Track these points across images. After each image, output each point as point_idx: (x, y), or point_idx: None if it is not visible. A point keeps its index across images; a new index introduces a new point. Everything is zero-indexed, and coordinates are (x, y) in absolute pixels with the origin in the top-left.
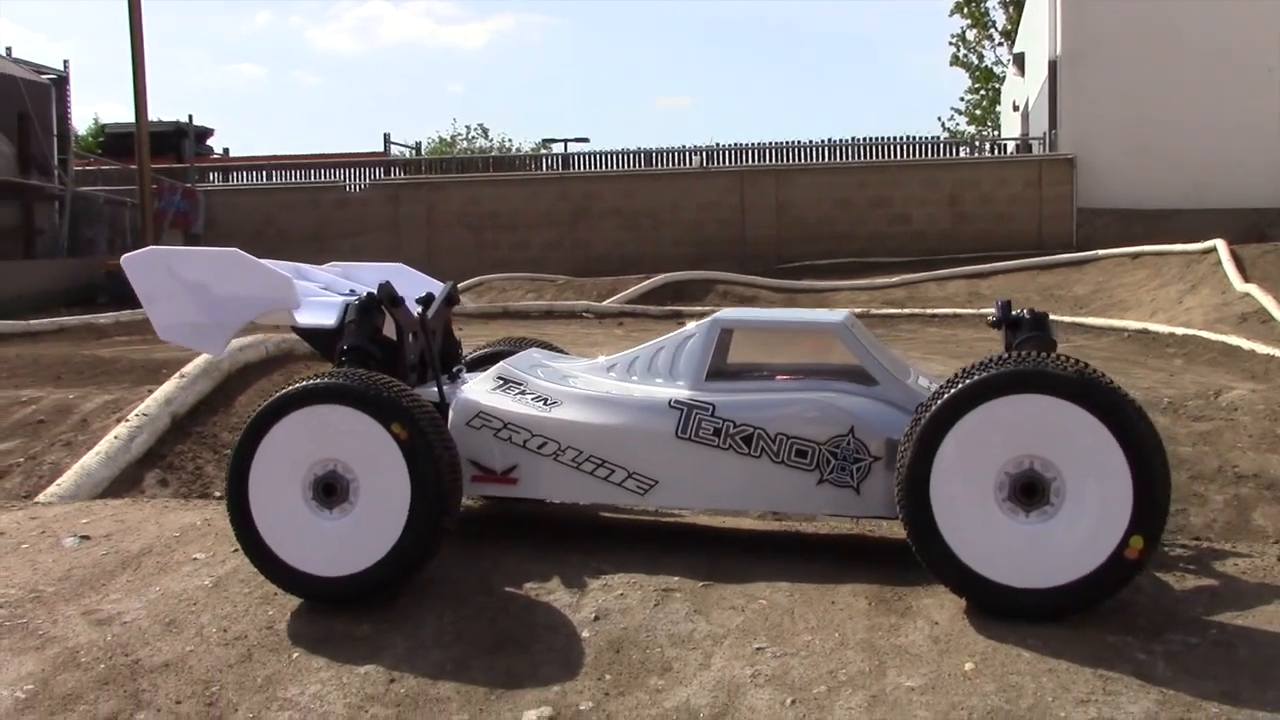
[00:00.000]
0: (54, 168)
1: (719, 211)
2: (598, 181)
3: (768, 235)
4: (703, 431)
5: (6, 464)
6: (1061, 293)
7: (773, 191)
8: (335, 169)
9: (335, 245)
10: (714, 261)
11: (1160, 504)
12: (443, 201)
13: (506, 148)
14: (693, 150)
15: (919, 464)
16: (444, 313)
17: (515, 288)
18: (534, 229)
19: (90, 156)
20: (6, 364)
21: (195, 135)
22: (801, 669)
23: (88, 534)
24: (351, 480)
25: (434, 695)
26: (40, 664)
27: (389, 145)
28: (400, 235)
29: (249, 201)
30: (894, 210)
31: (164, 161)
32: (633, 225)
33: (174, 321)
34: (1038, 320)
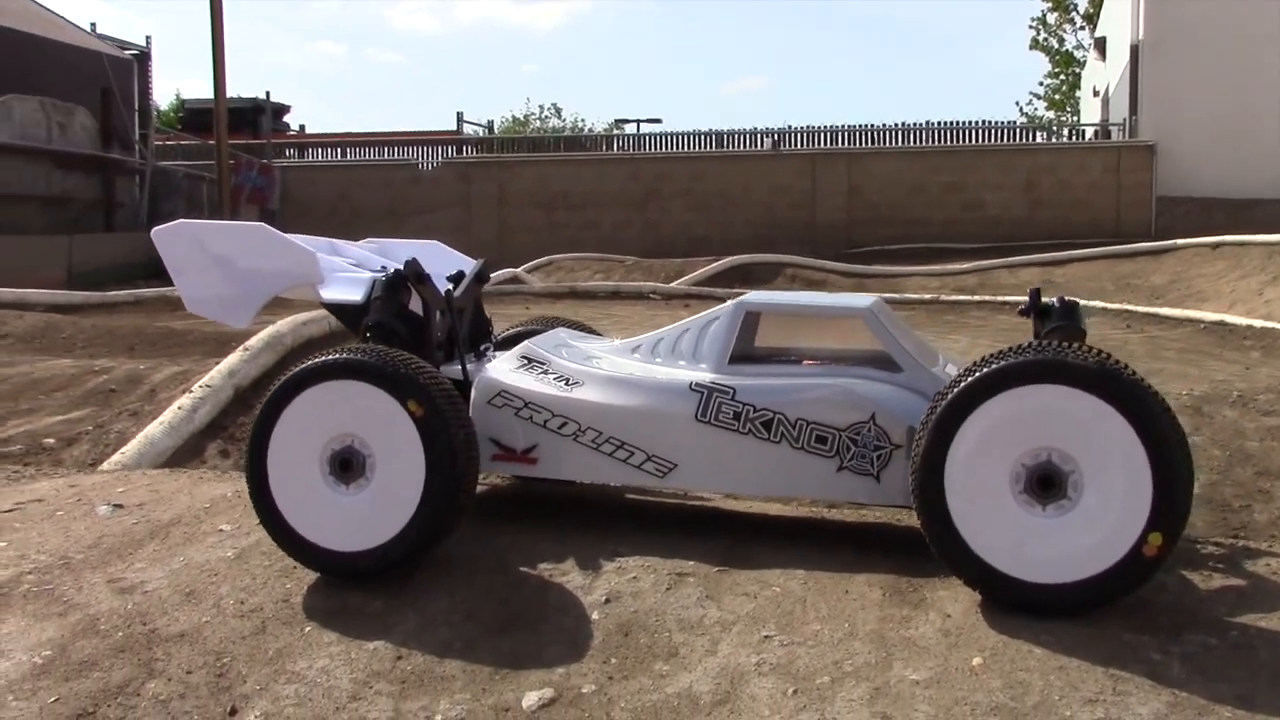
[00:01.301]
0: (135, 142)
1: (790, 194)
2: (668, 162)
3: (838, 219)
4: (722, 415)
5: (76, 432)
6: (1138, 282)
7: (844, 175)
8: (408, 147)
9: (407, 222)
10: (783, 245)
11: (1181, 501)
12: (514, 180)
13: (579, 128)
14: (764, 132)
15: (934, 453)
16: (474, 290)
17: (584, 267)
18: (604, 209)
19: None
20: (83, 334)
21: (273, 112)
22: (807, 658)
23: (121, 503)
24: (368, 456)
25: (439, 673)
26: (61, 630)
27: (461, 124)
28: (471, 213)
29: (323, 178)
30: (968, 196)
31: (241, 137)
32: (703, 207)
33: (201, 294)
34: (1067, 309)
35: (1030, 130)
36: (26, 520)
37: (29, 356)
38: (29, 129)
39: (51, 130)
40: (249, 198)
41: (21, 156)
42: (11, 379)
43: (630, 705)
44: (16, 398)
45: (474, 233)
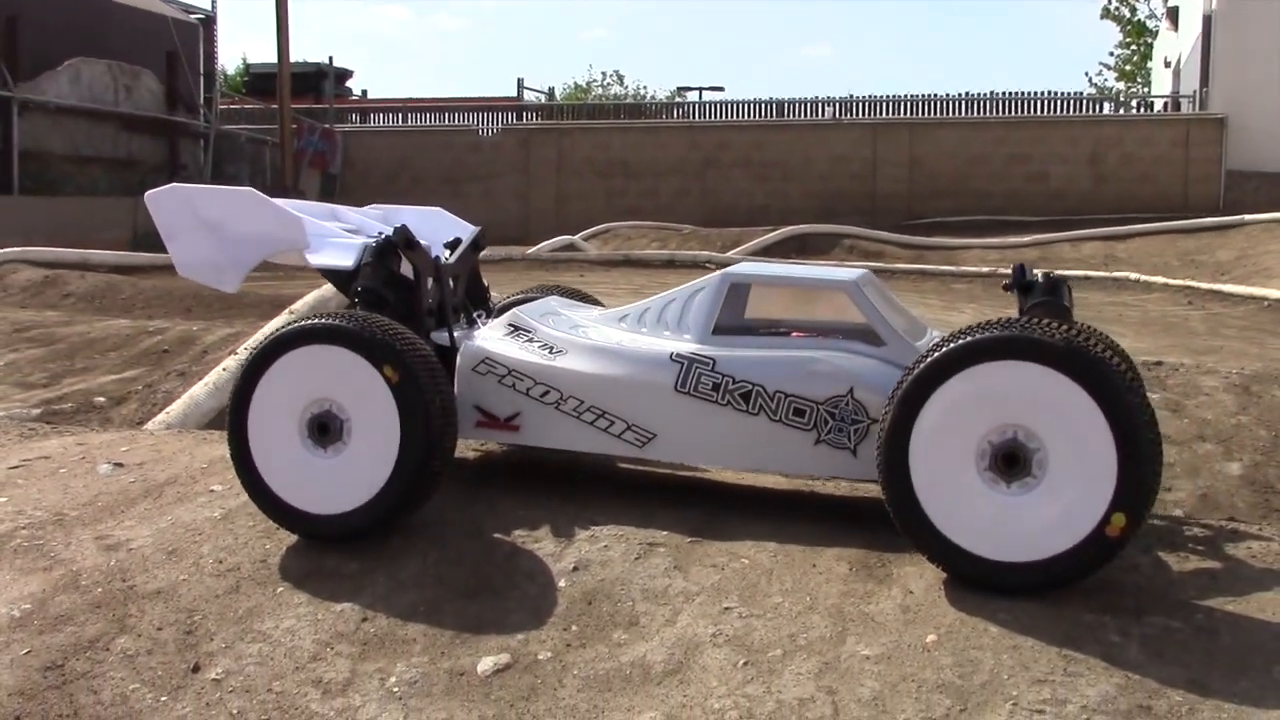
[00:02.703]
0: (199, 106)
1: (850, 164)
2: (728, 131)
3: (899, 190)
4: (702, 386)
5: (127, 391)
6: (1203, 258)
7: (906, 145)
8: (469, 113)
9: (467, 188)
10: (842, 215)
11: (1145, 481)
12: (573, 148)
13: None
14: (825, 101)
15: (899, 428)
16: (469, 257)
17: (641, 236)
18: (663, 177)
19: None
20: (142, 295)
21: (335, 76)
22: (764, 631)
23: (122, 462)
24: (345, 420)
25: (401, 636)
26: (43, 584)
27: (522, 90)
28: (530, 180)
29: (384, 143)
30: (1031, 168)
31: (304, 102)
32: (762, 176)
33: (192, 258)
34: (1052, 285)
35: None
36: (30, 477)
37: (88, 316)
38: (97, 92)
39: (118, 93)
40: (311, 162)
41: (89, 119)
42: (69, 338)
43: (583, 673)
44: (73, 356)
45: (532, 200)
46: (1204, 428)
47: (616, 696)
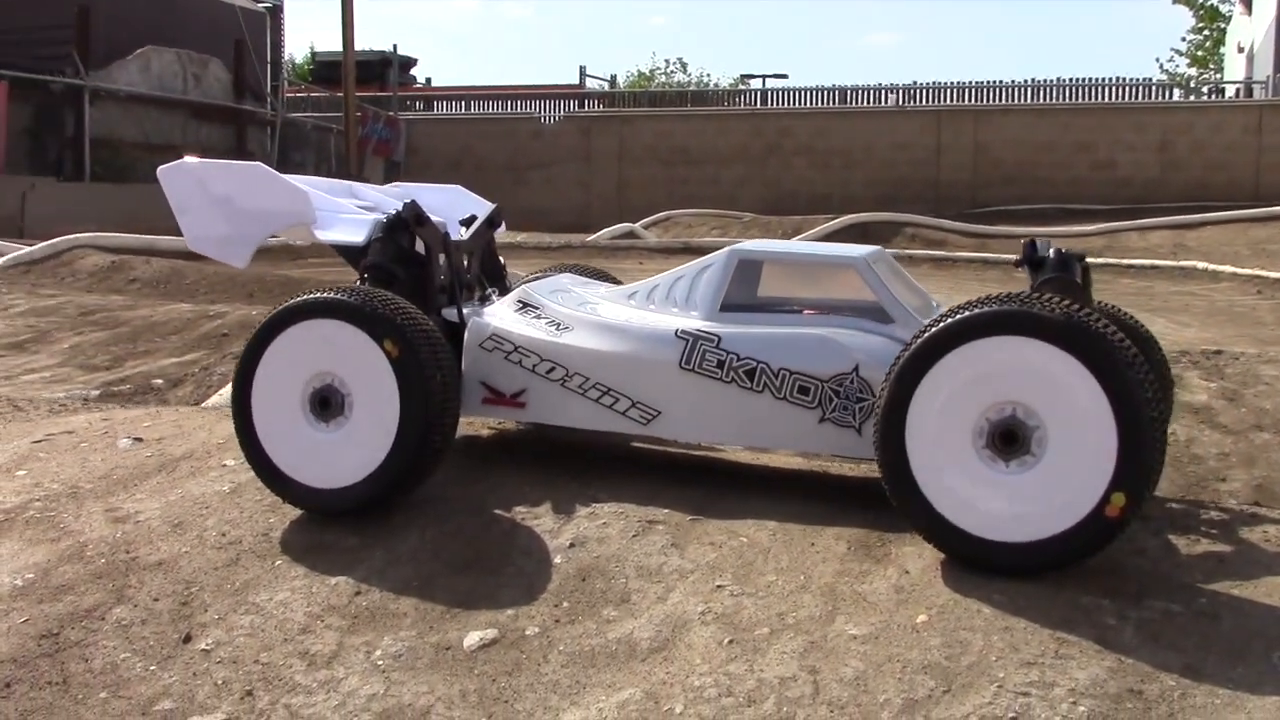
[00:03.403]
0: (266, 94)
1: (913, 152)
2: (791, 118)
3: (963, 178)
4: (706, 363)
5: (184, 373)
6: (1275, 247)
7: (970, 132)
8: (530, 100)
9: (528, 176)
10: (905, 203)
11: (1146, 459)
12: (634, 135)
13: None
14: (889, 89)
15: (895, 405)
16: (484, 235)
17: (702, 224)
18: (725, 165)
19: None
20: (206, 280)
21: (400, 65)
22: (753, 609)
23: (142, 437)
24: (347, 395)
25: (392, 610)
26: (49, 555)
27: (584, 78)
28: (591, 168)
29: (447, 131)
30: (1098, 155)
31: (369, 90)
32: (824, 164)
33: (202, 233)
34: (1063, 260)
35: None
36: (52, 450)
37: (152, 301)
38: (166, 80)
39: (187, 82)
40: (375, 149)
41: (159, 107)
42: (133, 322)
43: (568, 649)
44: (135, 339)
45: (593, 187)
46: (1262, 417)
47: (599, 672)
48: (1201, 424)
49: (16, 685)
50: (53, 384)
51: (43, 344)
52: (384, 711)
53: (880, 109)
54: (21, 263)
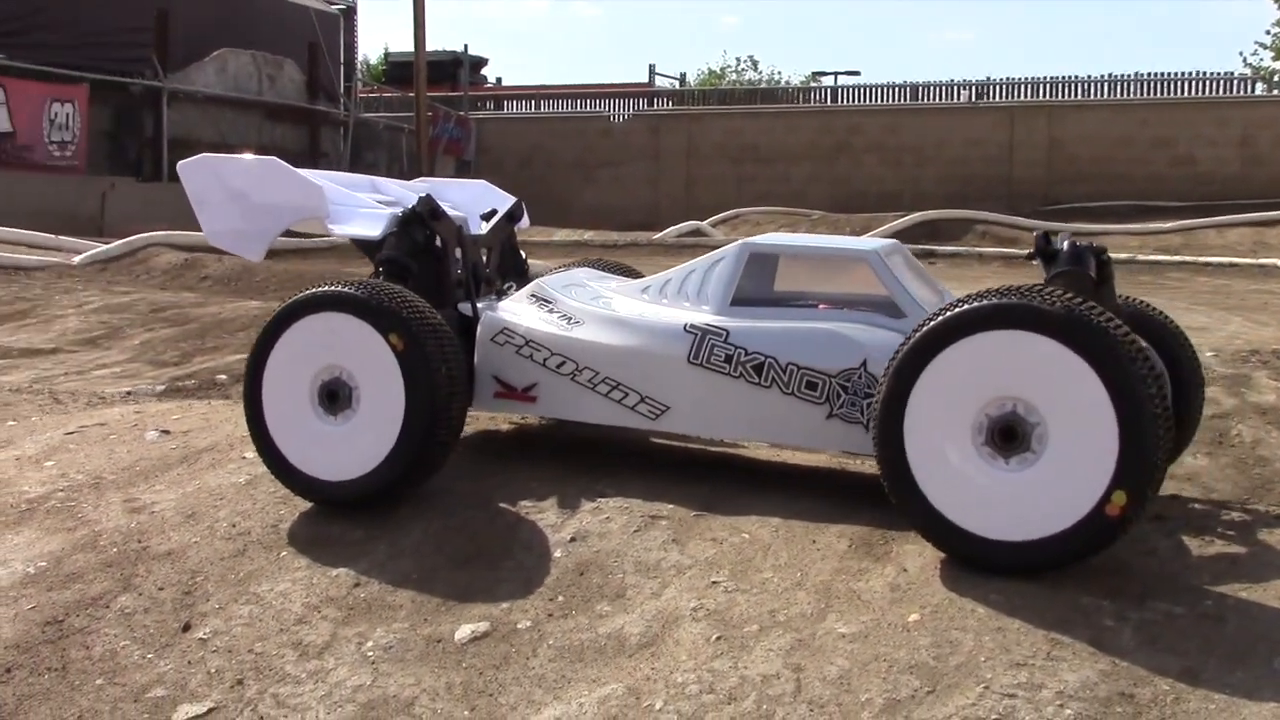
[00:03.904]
0: (339, 95)
1: (985, 149)
2: (861, 115)
3: (1036, 175)
4: (714, 358)
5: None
6: None
7: (1044, 129)
8: (600, 99)
9: (598, 174)
10: (976, 201)
11: (1149, 457)
12: (703, 133)
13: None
14: (961, 85)
15: (894, 400)
16: (504, 229)
17: (770, 221)
18: (794, 163)
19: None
20: (275, 278)
21: (471, 65)
22: (745, 606)
23: (169, 429)
24: (354, 388)
25: (388, 603)
26: (64, 543)
27: (653, 76)
28: (660, 166)
29: (517, 129)
30: (1177, 151)
31: (441, 90)
32: (894, 161)
33: (219, 227)
34: (1076, 254)
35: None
36: (82, 442)
37: (222, 298)
38: (242, 82)
39: (262, 83)
40: (446, 149)
41: (234, 108)
42: (202, 318)
43: (558, 643)
44: (204, 335)
45: (662, 185)
46: None
47: (586, 667)
48: (1269, 425)
49: (17, 670)
50: (122, 379)
51: (114, 340)
52: (369, 702)
53: (952, 105)
54: (98, 260)
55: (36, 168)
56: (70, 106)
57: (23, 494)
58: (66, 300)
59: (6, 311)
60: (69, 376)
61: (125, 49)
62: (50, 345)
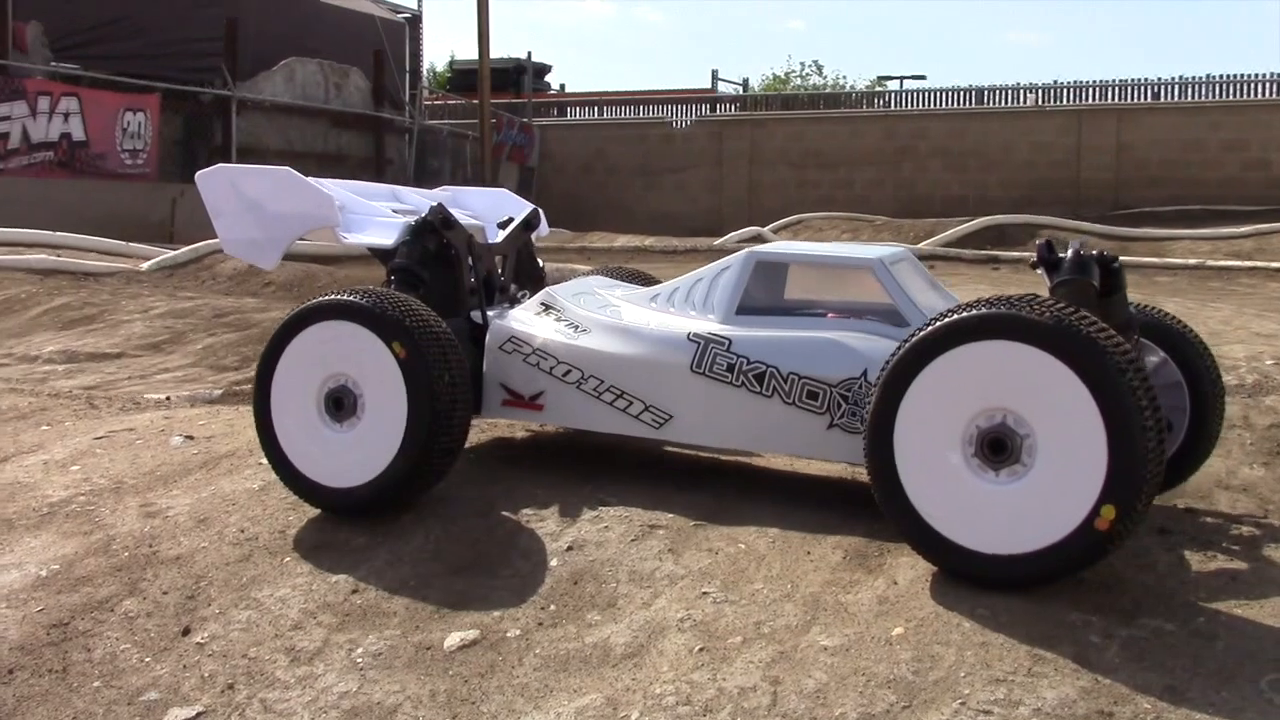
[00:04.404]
0: (404, 102)
1: (1052, 152)
2: (925, 120)
3: (1105, 179)
4: (717, 367)
5: None
6: None
7: (1113, 132)
8: (662, 105)
9: (660, 180)
10: (1043, 205)
11: (1138, 470)
12: (766, 139)
13: (840, 84)
14: (1027, 88)
15: (884, 411)
16: (519, 237)
17: (832, 227)
18: (857, 167)
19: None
20: (336, 284)
21: (534, 72)
22: (732, 617)
23: (193, 435)
24: (359, 396)
25: (383, 609)
26: (78, 547)
27: (716, 82)
28: (722, 171)
29: (580, 136)
30: (1250, 154)
31: (504, 97)
32: (959, 166)
33: (235, 236)
34: (1080, 263)
35: None
36: (110, 447)
37: (285, 303)
38: (309, 90)
39: (328, 91)
40: (509, 155)
41: (301, 116)
42: (263, 324)
43: (544, 652)
44: (264, 340)
45: (724, 191)
46: None
47: (570, 677)
48: None
49: (19, 672)
50: (184, 383)
51: (177, 345)
52: (353, 709)
53: (1019, 109)
54: (165, 266)
55: (109, 175)
56: (142, 115)
57: (45, 498)
58: (133, 305)
59: (75, 316)
60: (132, 380)
61: (196, 59)
62: (116, 350)
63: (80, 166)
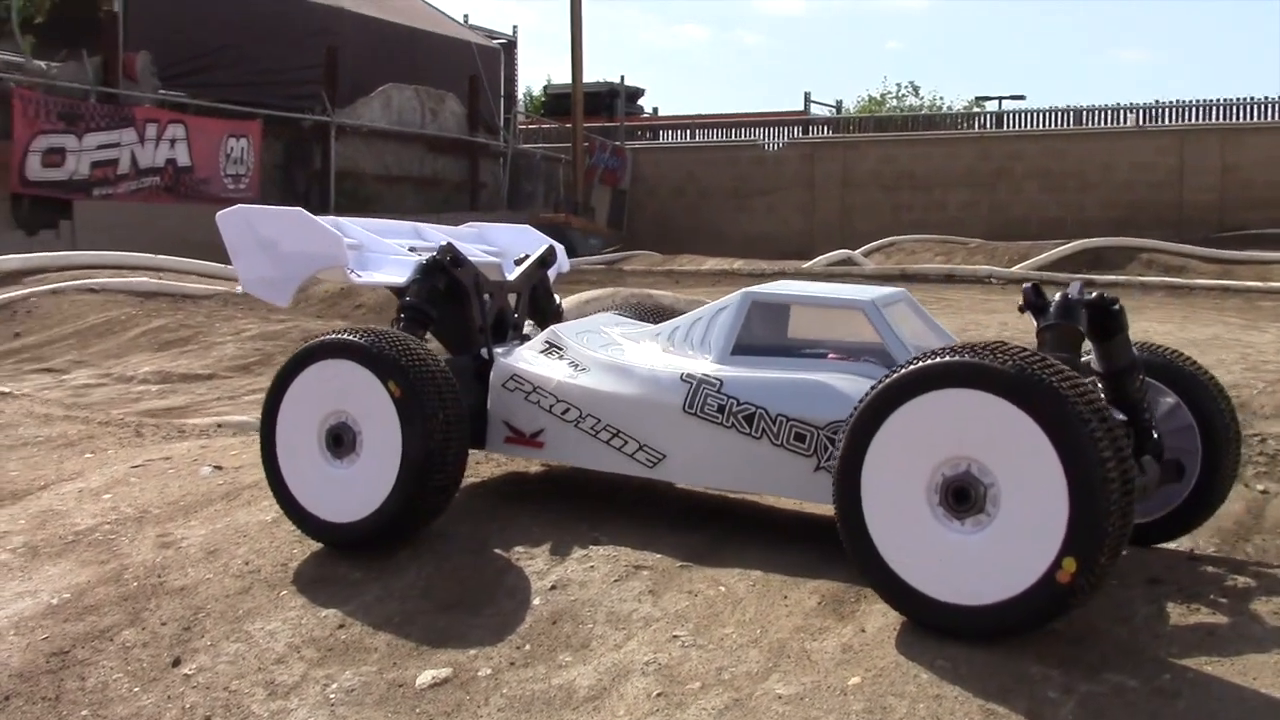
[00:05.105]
0: (499, 126)
1: (1153, 174)
2: (1021, 141)
3: (1208, 200)
4: (708, 408)
5: None
6: None
7: (1217, 152)
8: (754, 127)
9: (751, 203)
10: (1143, 228)
11: (1100, 523)
12: (858, 160)
13: (937, 106)
14: (1128, 108)
15: (851, 459)
16: (534, 274)
17: (925, 249)
18: (951, 190)
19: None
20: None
21: (627, 95)
22: (696, 662)
23: (222, 465)
24: (358, 433)
25: (366, 645)
26: (92, 576)
27: (808, 104)
28: (814, 193)
29: (672, 159)
30: None
31: (597, 120)
32: (1056, 187)
33: (252, 275)
34: (1066, 308)
35: None
36: (144, 476)
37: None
38: (405, 115)
39: (424, 116)
40: (602, 178)
41: (398, 141)
42: None
43: (511, 692)
44: None
45: (816, 213)
46: None
47: (531, 719)
48: None
49: (14, 699)
50: None
51: (266, 366)
52: None
53: (1118, 129)
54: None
55: (212, 200)
56: (245, 141)
57: (73, 526)
58: (226, 328)
59: (171, 338)
60: (220, 401)
61: (297, 86)
62: (207, 371)
63: (184, 191)
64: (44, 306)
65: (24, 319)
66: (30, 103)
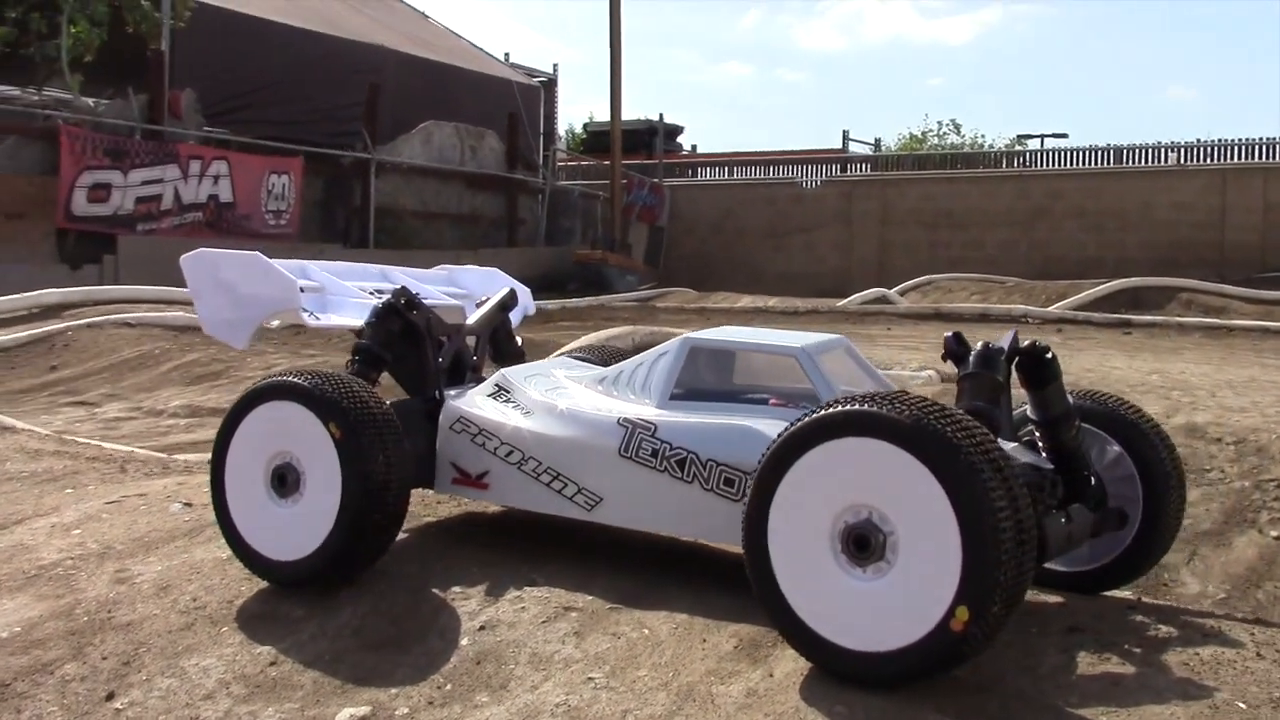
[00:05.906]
0: (538, 164)
1: (1194, 213)
2: (1060, 180)
3: (1251, 240)
4: (642, 452)
5: None
6: None
7: (1260, 191)
8: (792, 165)
9: (788, 241)
10: (1183, 268)
11: (991, 573)
12: (897, 199)
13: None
14: (1169, 146)
15: (758, 507)
16: (495, 317)
17: (961, 288)
18: (989, 228)
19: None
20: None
21: (666, 133)
22: (604, 705)
23: (191, 502)
24: (302, 473)
25: (293, 682)
26: (45, 611)
27: (847, 142)
28: (852, 231)
29: (709, 196)
30: None
31: (635, 158)
32: (1096, 226)
33: (212, 317)
34: (985, 357)
35: None
36: (116, 512)
37: None
38: (445, 152)
39: (464, 153)
40: (639, 215)
41: (437, 178)
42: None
43: None
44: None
45: (854, 251)
46: None
47: None
48: None
49: None
50: None
51: None
52: None
53: (1159, 168)
54: (293, 324)
55: (254, 235)
56: (286, 178)
57: (38, 561)
58: (257, 362)
59: (202, 372)
60: None
61: (338, 123)
62: None
63: (226, 227)
64: (81, 340)
65: (61, 352)
66: (77, 139)
